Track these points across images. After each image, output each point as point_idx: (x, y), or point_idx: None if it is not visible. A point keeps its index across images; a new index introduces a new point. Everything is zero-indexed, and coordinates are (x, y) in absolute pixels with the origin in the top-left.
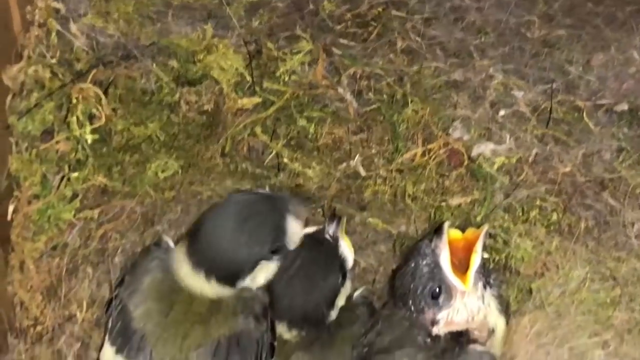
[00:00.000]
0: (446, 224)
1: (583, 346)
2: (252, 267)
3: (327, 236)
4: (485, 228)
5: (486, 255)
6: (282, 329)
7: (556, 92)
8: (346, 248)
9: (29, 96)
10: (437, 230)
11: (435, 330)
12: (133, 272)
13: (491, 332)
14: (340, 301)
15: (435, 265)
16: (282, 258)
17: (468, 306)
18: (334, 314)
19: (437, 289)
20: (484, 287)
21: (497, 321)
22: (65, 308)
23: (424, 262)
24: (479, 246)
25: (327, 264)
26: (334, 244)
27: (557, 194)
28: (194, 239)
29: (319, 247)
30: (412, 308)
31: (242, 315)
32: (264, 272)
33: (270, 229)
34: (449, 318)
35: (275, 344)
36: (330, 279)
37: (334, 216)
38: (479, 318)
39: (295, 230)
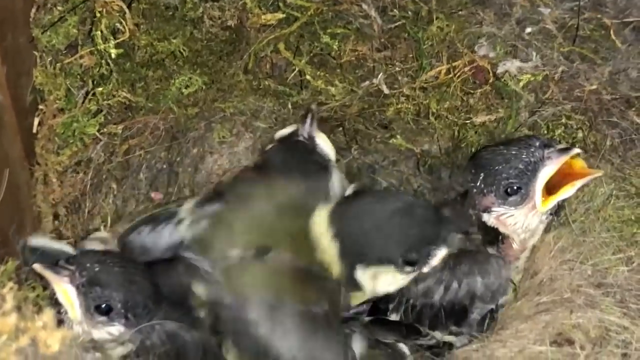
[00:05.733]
0: (577, 150)
1: (607, 263)
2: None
3: (302, 138)
4: (599, 174)
5: None
6: None
7: (583, 9)
8: (324, 144)
9: (53, 9)
10: (566, 149)
11: (485, 217)
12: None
13: (521, 252)
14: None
15: (533, 169)
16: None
17: (526, 222)
18: None
19: (516, 188)
20: (551, 214)
21: (529, 250)
22: (89, 223)
23: (525, 157)
24: (579, 183)
25: (305, 164)
26: (310, 144)
27: (583, 112)
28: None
29: (295, 151)
30: (479, 184)
31: None
32: (387, 277)
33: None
34: (502, 217)
35: None
36: (312, 178)
37: (307, 115)
38: (526, 235)
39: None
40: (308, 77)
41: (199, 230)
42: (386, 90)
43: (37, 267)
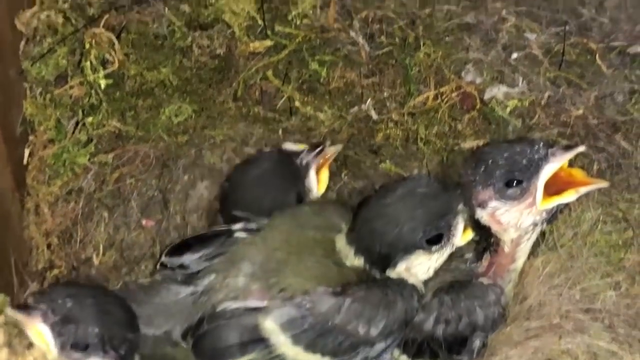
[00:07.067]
0: (582, 147)
1: (595, 287)
2: (403, 255)
3: (299, 162)
4: (605, 184)
5: None
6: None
7: (569, 34)
8: (313, 180)
9: (42, 41)
10: (570, 147)
11: (479, 213)
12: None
13: (512, 262)
14: None
15: (536, 165)
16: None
17: (520, 220)
18: None
19: (515, 183)
20: (544, 222)
21: (521, 261)
22: (82, 251)
23: (529, 154)
24: (584, 190)
25: (283, 182)
26: (302, 170)
27: (570, 137)
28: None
29: (281, 167)
30: (478, 178)
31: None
32: (421, 263)
33: (428, 217)
34: (497, 212)
35: None
36: (282, 194)
37: (318, 145)
38: (514, 235)
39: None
40: (297, 103)
41: None
42: (375, 116)
43: (8, 311)
